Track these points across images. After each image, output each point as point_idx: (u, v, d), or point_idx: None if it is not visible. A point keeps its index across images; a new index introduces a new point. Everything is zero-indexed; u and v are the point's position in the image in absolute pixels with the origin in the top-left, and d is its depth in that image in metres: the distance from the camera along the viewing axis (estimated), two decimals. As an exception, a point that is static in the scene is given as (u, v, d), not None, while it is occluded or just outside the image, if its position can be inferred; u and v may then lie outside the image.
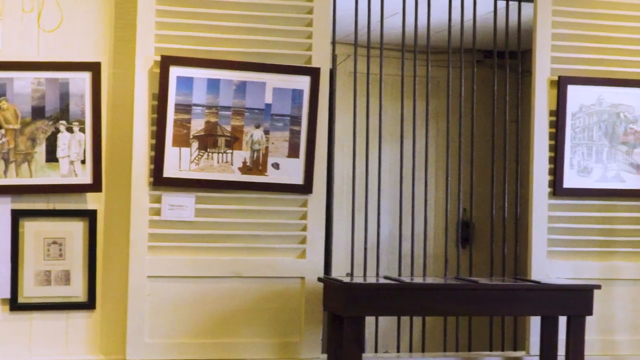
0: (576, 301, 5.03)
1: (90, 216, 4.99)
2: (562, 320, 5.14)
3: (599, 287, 5.11)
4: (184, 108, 5.02)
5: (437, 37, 6.07)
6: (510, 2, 5.71)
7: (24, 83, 4.89)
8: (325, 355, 5.17)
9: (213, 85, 5.06)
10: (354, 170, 5.58)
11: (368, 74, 5.61)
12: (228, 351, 5.09)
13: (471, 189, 5.72)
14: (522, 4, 5.69)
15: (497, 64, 5.78)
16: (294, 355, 5.16)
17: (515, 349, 5.77)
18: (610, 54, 5.53)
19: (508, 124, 5.76)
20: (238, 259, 5.11)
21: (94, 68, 4.96)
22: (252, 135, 5.11)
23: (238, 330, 5.12)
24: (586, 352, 5.10)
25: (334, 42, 5.43)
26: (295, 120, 5.15)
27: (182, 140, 5.02)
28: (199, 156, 5.05)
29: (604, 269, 5.49)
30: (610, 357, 5.50)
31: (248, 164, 5.11)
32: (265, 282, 5.15)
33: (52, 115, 4.93)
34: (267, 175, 5.12)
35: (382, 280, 5.16)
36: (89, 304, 5.00)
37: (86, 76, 4.95)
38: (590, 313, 5.06)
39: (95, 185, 4.97)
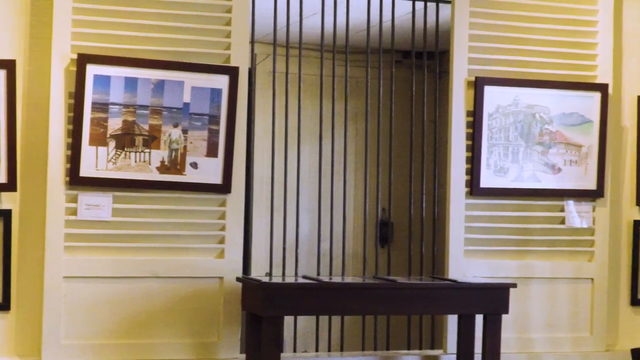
0: (492, 300, 5.09)
1: (4, 216, 4.91)
2: (479, 319, 5.18)
3: (514, 285, 5.17)
4: (101, 107, 4.97)
5: (356, 37, 6.11)
6: (428, 3, 5.75)
7: (-64, 81, 4.81)
8: (243, 356, 5.15)
9: (131, 83, 5.01)
10: (272, 170, 5.58)
11: (287, 73, 5.61)
12: (145, 352, 5.05)
13: (390, 188, 5.75)
14: (440, 5, 5.74)
15: (416, 64, 5.83)
16: (212, 355, 5.14)
17: (433, 348, 5.82)
18: (526, 55, 5.60)
19: (426, 124, 5.81)
20: (156, 259, 5.08)
21: (8, 66, 4.88)
22: (170, 135, 5.08)
23: (156, 330, 5.08)
24: (502, 349, 5.15)
25: (252, 42, 5.42)
26: (214, 119, 5.12)
27: (99, 139, 4.97)
28: (116, 155, 5.00)
29: (520, 267, 5.55)
30: (526, 355, 5.56)
31: (166, 163, 5.08)
32: (184, 282, 5.12)
33: (-35, 113, 4.85)
34: (185, 175, 5.09)
35: (300, 280, 5.17)
36: (4, 305, 4.92)
37: (0, 74, 4.87)
38: (507, 311, 5.11)
39: (10, 185, 4.90)
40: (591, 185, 5.61)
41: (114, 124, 5.00)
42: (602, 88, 5.61)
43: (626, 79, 5.77)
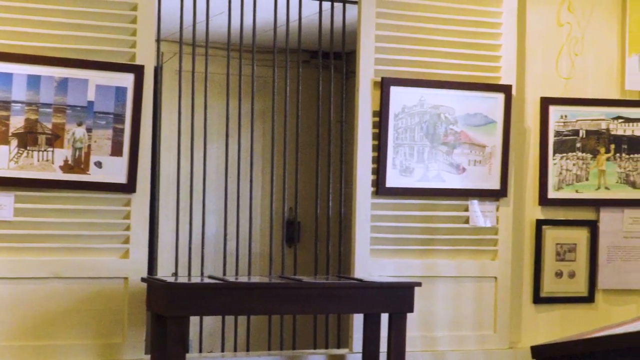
0: (398, 299, 5.12)
1: None
2: (385, 317, 5.22)
3: (419, 284, 5.21)
4: (3, 105, 4.89)
5: (263, 36, 6.10)
6: (335, 4, 5.77)
7: None
8: (148, 356, 5.11)
9: (33, 81, 4.94)
10: (178, 169, 5.55)
11: (193, 72, 5.58)
12: (49, 354, 4.98)
13: (296, 188, 5.76)
14: (347, 5, 5.76)
15: (323, 64, 5.84)
16: (116, 356, 5.09)
17: (339, 347, 5.85)
18: (432, 56, 5.65)
19: (333, 123, 5.83)
20: (59, 259, 5.01)
21: None
22: (74, 133, 5.02)
23: (59, 332, 5.01)
24: (407, 348, 5.19)
25: (158, 40, 5.38)
26: (119, 118, 5.07)
27: (0, 138, 4.88)
28: (19, 154, 4.92)
29: (425, 266, 5.60)
30: (431, 353, 5.61)
31: (70, 162, 5.01)
32: (87, 283, 5.06)
33: None
34: (89, 174, 5.03)
35: (206, 280, 5.15)
36: None
37: None
38: (412, 310, 5.15)
39: None
40: (495, 185, 5.68)
41: (16, 123, 4.91)
42: (506, 89, 5.68)
43: (529, 81, 5.86)
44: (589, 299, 5.92)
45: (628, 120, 5.91)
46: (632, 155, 5.91)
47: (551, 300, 5.88)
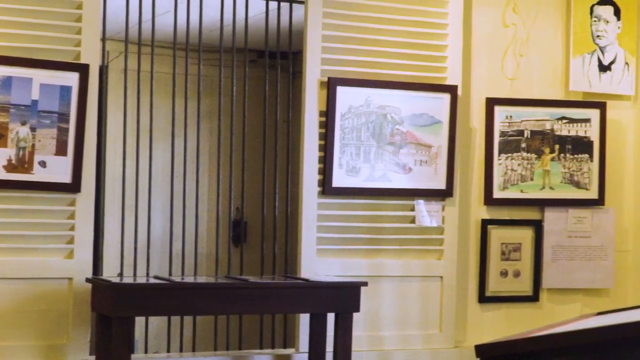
0: (344, 298, 5.13)
1: None
2: (331, 317, 5.22)
3: (365, 284, 5.22)
4: (-55, 103, 4.84)
5: (210, 36, 6.08)
6: (282, 4, 5.77)
7: None
8: (93, 357, 5.07)
9: (-24, 80, 4.89)
10: (124, 169, 5.51)
11: (139, 71, 5.55)
12: (-8, 355, 4.94)
13: (243, 187, 5.75)
14: (294, 5, 5.75)
15: (269, 64, 5.84)
16: (61, 357, 5.04)
17: (285, 347, 5.83)
18: (379, 56, 5.66)
19: (280, 123, 5.82)
20: (2, 259, 4.96)
21: None
22: (17, 133, 4.97)
23: (2, 333, 4.96)
24: (354, 347, 5.20)
25: (104, 39, 5.34)
26: (64, 117, 5.03)
27: (-58, 137, 4.84)
28: (-39, 153, 4.87)
29: (371, 266, 5.61)
30: (377, 352, 5.62)
31: (13, 162, 4.96)
32: (31, 283, 5.01)
33: None
34: (33, 174, 4.98)
35: (151, 280, 5.12)
36: None
37: None
38: (358, 309, 5.16)
39: None
40: (441, 185, 5.71)
41: (-41, 121, 4.86)
42: (452, 90, 5.71)
43: (475, 81, 5.90)
44: (534, 298, 5.97)
45: (572, 120, 5.97)
46: (576, 156, 5.97)
47: (496, 299, 5.92)
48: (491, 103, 5.87)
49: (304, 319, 5.41)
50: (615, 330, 3.15)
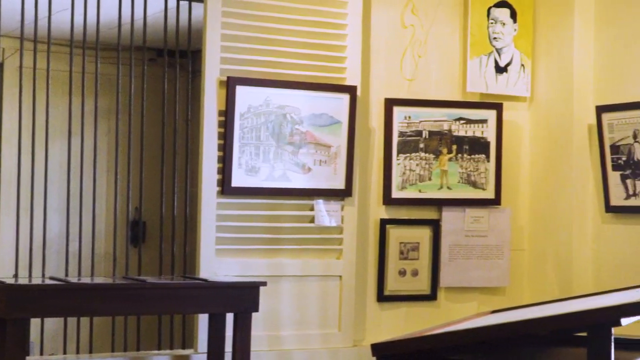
0: (242, 298, 5.11)
1: None
2: (230, 317, 5.20)
3: (264, 284, 5.22)
4: None
5: (108, 33, 6.02)
6: (181, 2, 5.73)
7: None
8: (-13, 360, 4.98)
9: None
10: (19, 168, 5.41)
11: (35, 69, 5.45)
12: None
13: (141, 187, 5.70)
14: (193, 4, 5.72)
15: (169, 63, 5.80)
16: (-47, 360, 4.94)
17: (184, 347, 5.80)
18: (279, 56, 5.66)
19: (179, 123, 5.79)
20: None
21: None
22: None
23: None
24: (253, 347, 5.19)
25: (-2, 36, 5.25)
26: (-44, 115, 4.93)
27: None
28: None
29: (271, 266, 5.61)
30: (276, 352, 5.62)
31: None
32: None
33: None
34: None
35: (47, 281, 5.04)
36: None
37: None
38: (257, 309, 5.15)
39: None
40: (340, 184, 5.73)
41: None
42: (351, 90, 5.74)
43: (374, 82, 5.93)
44: (432, 296, 6.04)
45: (469, 121, 6.04)
46: (473, 156, 6.05)
47: (395, 298, 5.96)
48: (390, 103, 5.92)
49: (203, 319, 5.38)
50: (507, 328, 3.20)
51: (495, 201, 6.09)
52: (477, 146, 6.06)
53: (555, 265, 6.04)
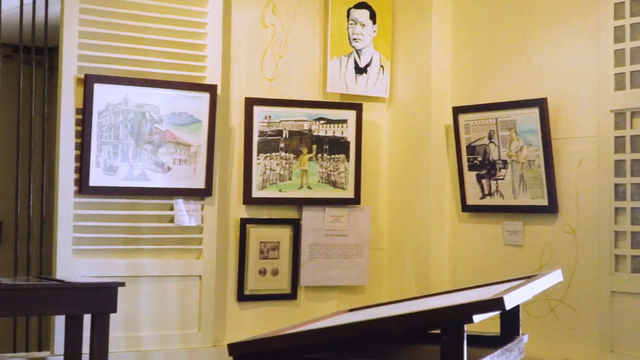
0: (100, 299, 5.03)
1: None
2: (88, 318, 5.12)
3: (123, 284, 5.14)
4: None
5: (-38, 29, 5.86)
6: (38, -2, 5.63)
7: None
8: None
9: None
10: None
11: None
12: None
13: (-5, 186, 5.58)
14: (50, 0, 5.62)
15: (25, 59, 5.68)
16: None
17: (40, 349, 5.69)
18: (139, 54, 5.60)
19: (35, 120, 5.67)
20: None
21: None
22: None
23: None
24: (111, 348, 5.11)
25: None
26: None
27: None
28: None
29: (130, 266, 5.55)
30: (136, 353, 5.57)
31: None
32: None
33: None
34: None
35: None
36: None
37: None
38: (115, 310, 5.07)
39: None
40: (200, 184, 5.70)
41: None
42: (211, 89, 5.72)
43: (235, 81, 5.93)
44: (292, 295, 6.06)
45: (329, 121, 6.09)
46: (333, 156, 6.09)
47: (255, 297, 5.97)
48: (250, 103, 5.92)
49: (60, 321, 5.29)
50: (362, 326, 3.23)
51: (355, 200, 6.15)
52: (337, 146, 6.10)
53: (414, 264, 6.13)
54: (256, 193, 5.94)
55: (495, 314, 3.27)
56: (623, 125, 5.23)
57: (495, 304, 3.11)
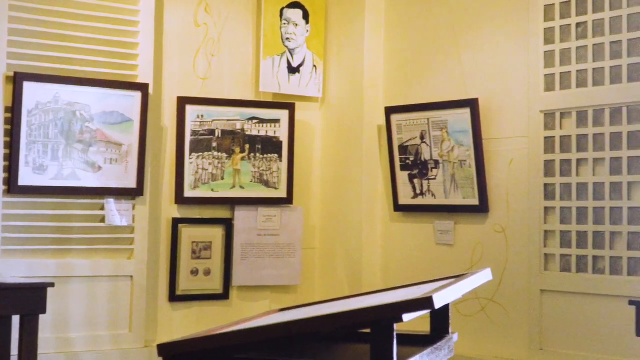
0: (29, 300, 4.97)
1: None
2: (17, 319, 5.06)
3: (52, 285, 5.09)
4: None
5: None
6: (-34, -6, 5.54)
7: None
8: None
9: None
10: None
11: None
12: None
13: None
14: (-21, -4, 5.55)
15: (-48, 57, 5.60)
16: None
17: (-33, 351, 5.61)
18: (70, 52, 5.55)
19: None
20: None
21: None
22: None
23: None
24: (40, 350, 5.06)
25: None
26: None
27: None
28: None
29: (60, 266, 5.50)
30: (65, 355, 5.51)
31: None
32: None
33: None
34: None
35: None
36: None
37: None
38: (44, 311, 5.02)
39: None
40: (131, 183, 5.66)
41: None
42: (143, 88, 5.68)
43: (167, 80, 5.90)
44: (224, 295, 6.04)
45: (262, 121, 6.08)
46: (265, 155, 6.09)
47: (187, 298, 5.94)
48: (183, 102, 5.89)
49: (-11, 322, 5.22)
50: (292, 326, 3.23)
51: (288, 200, 6.15)
52: (270, 146, 6.10)
53: (346, 263, 6.15)
54: (188, 193, 5.91)
55: (425, 313, 3.28)
56: (553, 126, 5.29)
57: (425, 303, 3.13)
